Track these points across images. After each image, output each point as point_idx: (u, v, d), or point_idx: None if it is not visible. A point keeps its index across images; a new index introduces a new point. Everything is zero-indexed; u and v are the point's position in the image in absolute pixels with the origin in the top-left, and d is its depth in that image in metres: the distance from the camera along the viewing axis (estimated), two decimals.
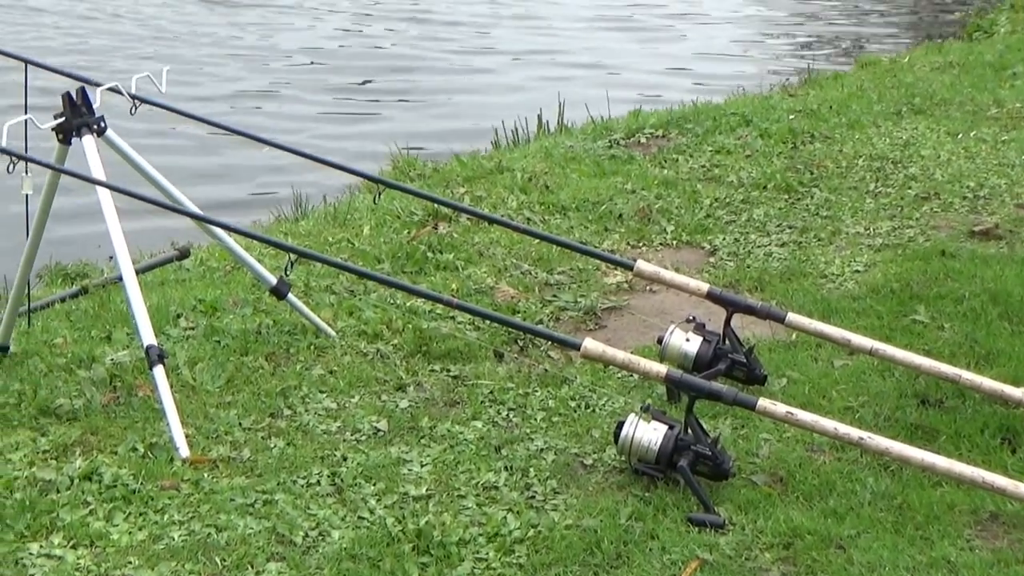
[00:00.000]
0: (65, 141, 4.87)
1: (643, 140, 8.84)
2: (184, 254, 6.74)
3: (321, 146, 9.83)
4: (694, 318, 5.14)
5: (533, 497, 4.31)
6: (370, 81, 13.80)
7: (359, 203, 7.69)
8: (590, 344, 4.41)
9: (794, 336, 5.48)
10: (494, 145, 9.95)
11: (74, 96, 4.87)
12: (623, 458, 4.45)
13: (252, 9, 16.85)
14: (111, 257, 7.16)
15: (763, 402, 4.32)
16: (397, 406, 4.92)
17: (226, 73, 13.72)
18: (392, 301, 5.82)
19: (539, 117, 10.36)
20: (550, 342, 5.39)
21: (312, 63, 14.51)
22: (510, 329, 5.47)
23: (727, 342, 5.09)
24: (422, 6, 17.63)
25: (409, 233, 6.80)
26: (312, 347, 5.39)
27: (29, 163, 4.57)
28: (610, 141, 8.81)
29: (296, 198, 8.60)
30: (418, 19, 16.97)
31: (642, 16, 17.76)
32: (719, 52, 15.70)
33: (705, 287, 5.18)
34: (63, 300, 6.11)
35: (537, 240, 6.39)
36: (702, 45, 15.98)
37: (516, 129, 10.12)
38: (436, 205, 6.88)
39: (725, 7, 18.58)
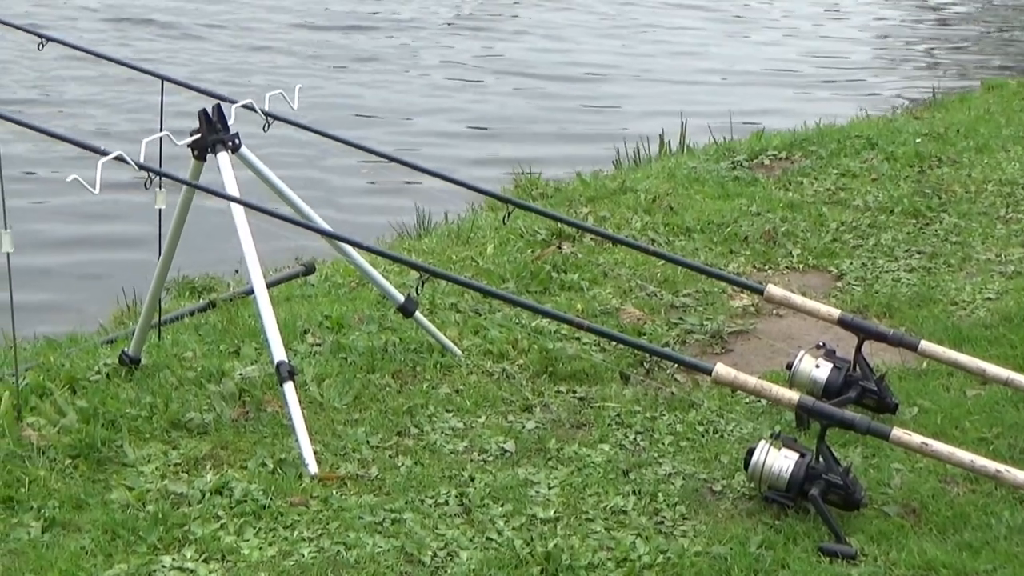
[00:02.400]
0: (200, 157, 4.92)
1: (766, 162, 8.77)
2: (310, 270, 6.79)
3: (439, 161, 9.84)
4: (824, 344, 5.08)
5: (662, 522, 4.28)
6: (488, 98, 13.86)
7: (482, 221, 7.71)
8: (721, 369, 4.37)
9: (925, 364, 5.40)
10: (615, 165, 9.93)
11: (210, 113, 4.92)
12: (753, 485, 4.40)
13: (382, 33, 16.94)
14: (237, 271, 7.28)
15: (897, 432, 4.25)
16: (524, 427, 4.91)
17: (346, 91, 13.83)
18: (518, 321, 5.82)
19: (661, 137, 10.32)
20: (676, 364, 5.35)
21: (431, 76, 14.60)
22: (636, 351, 5.44)
23: (858, 369, 5.02)
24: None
25: (533, 252, 6.80)
26: (438, 366, 5.40)
27: (162, 179, 4.62)
28: (733, 162, 8.76)
29: (419, 215, 8.62)
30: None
31: (759, 34, 17.64)
32: (841, 73, 15.52)
33: (836, 313, 5.11)
34: (192, 314, 6.18)
35: (662, 261, 6.36)
36: (821, 65, 15.83)
37: (638, 149, 10.08)
38: (560, 224, 6.87)
39: (846, 29, 18.39)
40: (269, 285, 6.33)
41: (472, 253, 6.88)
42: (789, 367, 5.04)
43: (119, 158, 4.43)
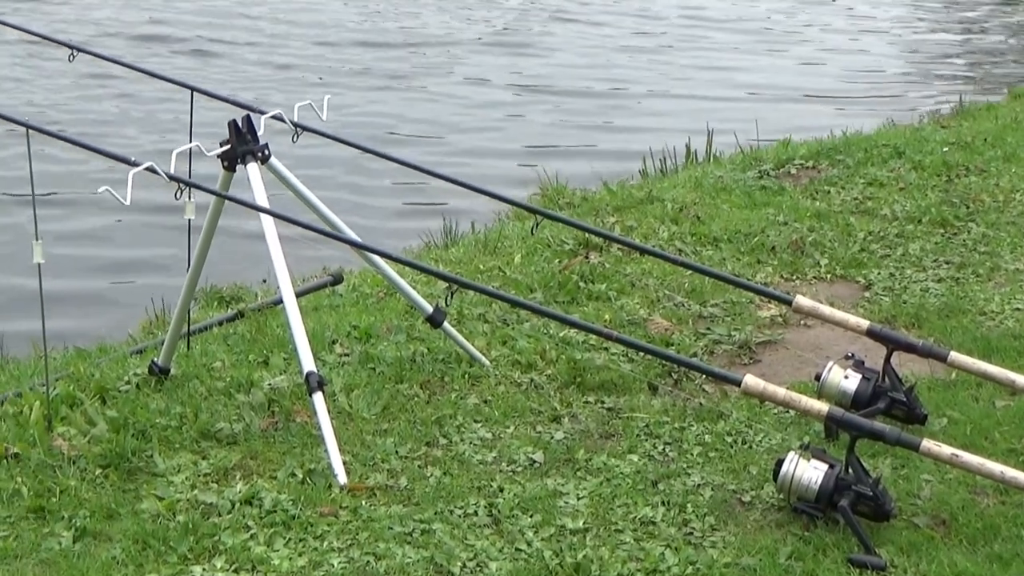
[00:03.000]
0: (230, 168, 4.94)
1: (793, 171, 8.75)
2: (337, 280, 6.81)
3: (465, 170, 9.85)
4: (852, 355, 5.07)
5: (691, 533, 4.28)
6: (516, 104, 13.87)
7: (509, 231, 7.71)
8: (750, 380, 4.36)
9: (954, 375, 5.38)
10: (642, 175, 9.92)
11: (239, 124, 4.94)
12: (782, 496, 4.40)
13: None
14: (264, 280, 7.30)
15: (927, 443, 4.24)
16: (552, 437, 4.92)
17: (377, 108, 13.88)
18: (545, 331, 5.82)
19: (687, 147, 10.32)
20: (704, 375, 5.35)
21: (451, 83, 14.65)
22: (664, 361, 5.43)
23: (887, 380, 5.01)
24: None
25: (560, 262, 6.80)
26: (466, 376, 5.40)
27: (191, 188, 4.63)
28: (760, 171, 8.73)
29: (446, 225, 8.64)
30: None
31: (784, 43, 17.61)
32: (865, 80, 15.50)
33: (865, 324, 5.10)
34: (220, 324, 6.19)
35: (689, 272, 6.36)
36: (844, 73, 15.80)
37: (664, 158, 10.08)
38: (587, 234, 6.87)
39: (871, 39, 18.36)
40: (297, 295, 6.35)
41: (499, 263, 6.89)
42: (818, 378, 5.04)
43: (150, 169, 4.45)
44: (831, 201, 7.96)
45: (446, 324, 5.42)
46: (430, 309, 5.36)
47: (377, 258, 5.21)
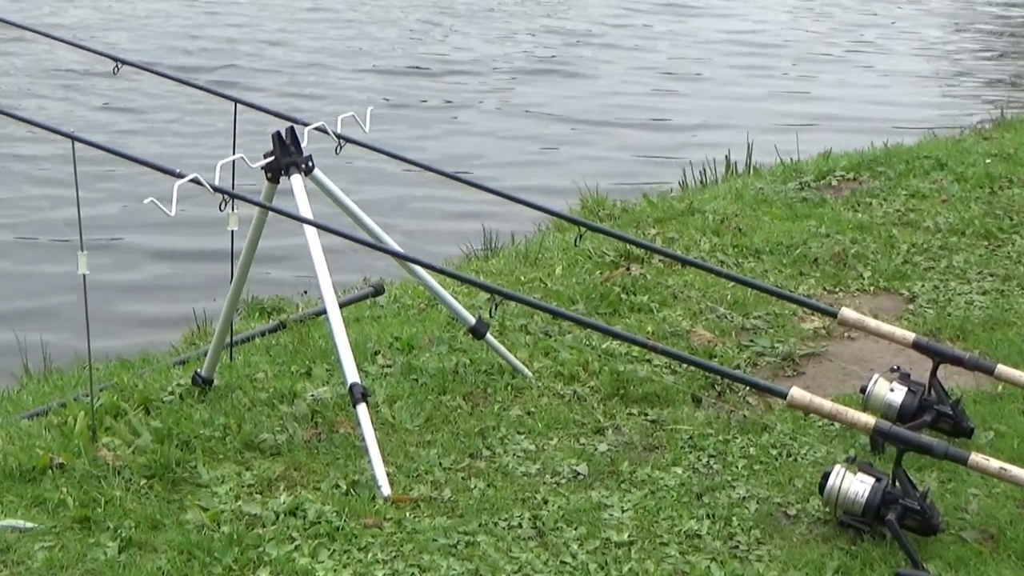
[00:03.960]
0: (274, 180, 4.95)
1: (834, 183, 8.71)
2: (379, 291, 6.81)
3: (502, 182, 9.83)
4: (898, 368, 5.04)
5: (736, 547, 4.25)
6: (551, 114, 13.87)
7: (550, 242, 7.71)
8: (796, 393, 4.34)
9: (1000, 388, 5.34)
10: (682, 186, 9.90)
11: (283, 135, 4.94)
12: (828, 509, 4.37)
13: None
14: (305, 292, 7.32)
15: (975, 457, 4.20)
16: (596, 449, 4.90)
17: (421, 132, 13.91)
18: (588, 343, 5.81)
19: (727, 158, 10.29)
20: (748, 387, 5.33)
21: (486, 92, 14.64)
22: (707, 373, 5.42)
23: (932, 393, 4.98)
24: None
25: (601, 274, 6.78)
26: (509, 387, 5.40)
27: (234, 199, 4.64)
28: (800, 183, 8.70)
29: (486, 236, 8.64)
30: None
31: (822, 54, 17.58)
32: (904, 91, 15.46)
33: (911, 336, 5.06)
34: (263, 334, 6.20)
35: (732, 283, 6.33)
36: (882, 85, 15.76)
37: (704, 170, 10.06)
38: (628, 246, 6.86)
39: (909, 51, 18.31)
40: (340, 306, 6.37)
41: (540, 274, 6.88)
42: (863, 390, 5.00)
43: (195, 180, 4.46)
44: (873, 213, 7.91)
45: (489, 336, 5.41)
46: (473, 320, 5.35)
47: (420, 269, 5.21)
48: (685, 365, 5.49)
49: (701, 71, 16.18)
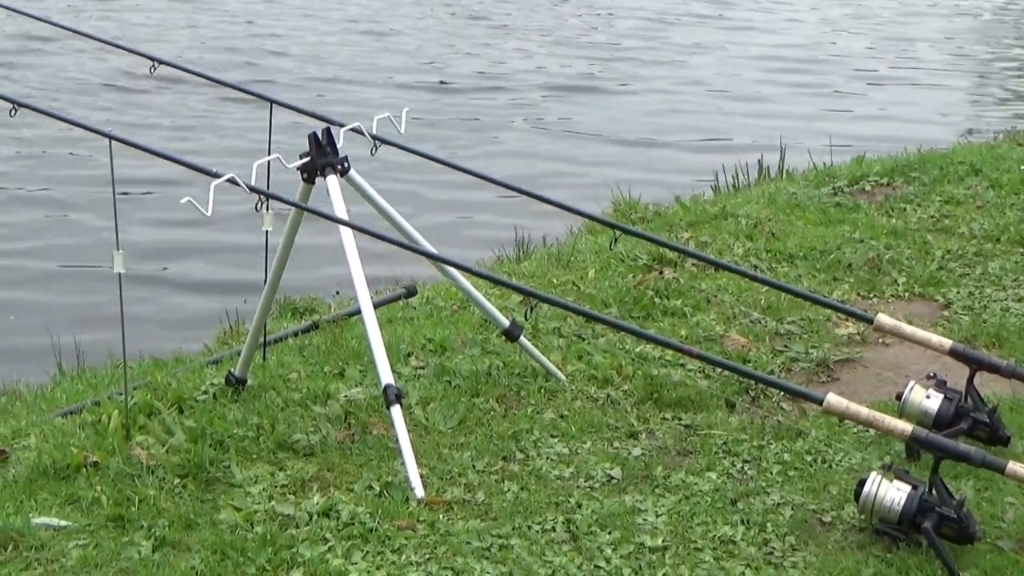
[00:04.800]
0: (309, 180, 4.94)
1: (868, 188, 8.67)
2: (411, 292, 6.80)
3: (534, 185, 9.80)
4: (934, 375, 5.01)
5: (771, 553, 4.23)
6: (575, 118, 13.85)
7: (582, 245, 7.69)
8: (833, 399, 4.31)
9: None
10: (714, 190, 9.88)
11: (320, 136, 4.94)
12: (863, 517, 4.35)
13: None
14: (337, 292, 7.32)
15: (1013, 465, 4.17)
16: (630, 453, 4.88)
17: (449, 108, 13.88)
18: (621, 346, 5.79)
19: (759, 162, 10.27)
20: (782, 392, 5.30)
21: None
22: (740, 378, 5.39)
23: (969, 400, 4.95)
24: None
25: (634, 277, 6.77)
26: (543, 390, 5.38)
27: (270, 200, 4.63)
28: (834, 188, 8.66)
29: (518, 239, 8.63)
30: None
31: (847, 63, 17.52)
32: (936, 97, 15.41)
33: (948, 343, 5.03)
34: (296, 335, 6.20)
35: (765, 288, 6.31)
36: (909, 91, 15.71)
37: (736, 174, 10.03)
38: (661, 249, 6.84)
39: (938, 55, 18.25)
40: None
41: (573, 277, 6.86)
42: (899, 397, 4.97)
43: (231, 180, 4.46)
44: (907, 219, 7.87)
45: (523, 338, 5.40)
46: (507, 323, 5.34)
47: (454, 271, 5.20)
48: (718, 370, 5.47)
49: (738, 86, 16.13)
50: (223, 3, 19.09)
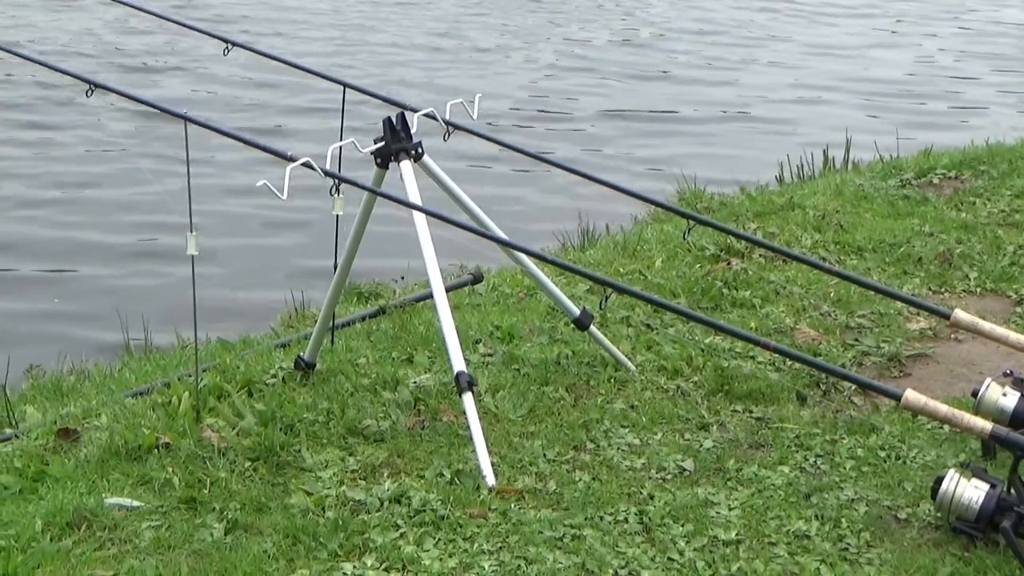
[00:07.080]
0: (383, 165, 4.92)
1: (935, 181, 8.57)
2: (477, 278, 6.78)
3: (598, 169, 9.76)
4: (1011, 372, 4.94)
5: (846, 549, 4.18)
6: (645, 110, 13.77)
7: (648, 234, 7.63)
8: (911, 395, 4.25)
9: None
10: (779, 181, 9.80)
11: (394, 121, 4.92)
12: (940, 515, 4.29)
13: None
14: (403, 277, 7.30)
15: None
16: (701, 445, 4.84)
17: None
18: (691, 337, 5.75)
19: (824, 153, 10.19)
20: (853, 386, 5.25)
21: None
22: (811, 371, 5.34)
23: None
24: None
25: (701, 267, 6.72)
26: (612, 380, 5.35)
27: (343, 184, 4.62)
28: (901, 180, 8.56)
29: (582, 227, 8.59)
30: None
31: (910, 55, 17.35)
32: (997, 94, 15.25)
33: None
34: (363, 319, 6.19)
35: (835, 280, 6.25)
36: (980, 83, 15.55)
37: (802, 165, 9.95)
38: (728, 240, 6.79)
39: (1001, 46, 18.04)
40: None
41: (640, 266, 6.81)
42: (974, 394, 4.90)
43: (306, 164, 4.45)
44: (977, 213, 7.78)
45: (592, 327, 5.37)
46: (577, 312, 5.31)
47: (525, 258, 5.17)
48: (788, 362, 5.42)
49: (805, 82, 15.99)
50: None
